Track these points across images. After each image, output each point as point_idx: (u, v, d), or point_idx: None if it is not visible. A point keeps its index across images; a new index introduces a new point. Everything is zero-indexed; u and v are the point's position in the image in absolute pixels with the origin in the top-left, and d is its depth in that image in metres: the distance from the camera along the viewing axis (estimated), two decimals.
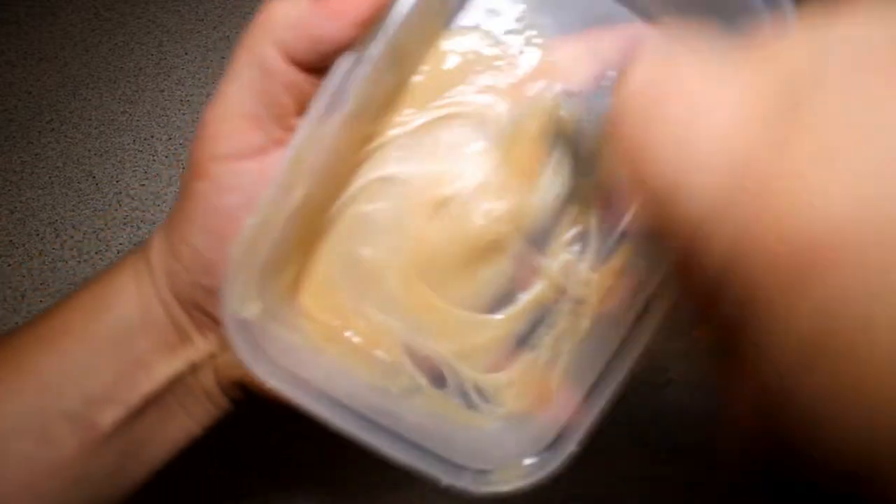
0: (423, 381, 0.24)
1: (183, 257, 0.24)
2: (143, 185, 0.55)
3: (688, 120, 0.13)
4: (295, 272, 0.24)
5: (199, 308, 0.25)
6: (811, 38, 0.13)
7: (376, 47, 0.21)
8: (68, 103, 0.60)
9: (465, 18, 0.24)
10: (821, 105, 0.12)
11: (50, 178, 0.56)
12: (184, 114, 0.59)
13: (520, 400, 0.24)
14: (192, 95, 0.60)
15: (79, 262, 0.52)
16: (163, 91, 0.60)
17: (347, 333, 0.24)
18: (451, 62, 0.23)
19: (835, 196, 0.11)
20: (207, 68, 0.62)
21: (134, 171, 0.56)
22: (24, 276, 0.51)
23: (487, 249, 0.24)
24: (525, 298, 0.25)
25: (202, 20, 0.65)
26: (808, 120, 0.12)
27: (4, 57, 0.63)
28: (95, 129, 0.58)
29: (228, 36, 0.63)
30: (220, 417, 0.27)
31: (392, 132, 0.24)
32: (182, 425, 0.27)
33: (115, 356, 0.25)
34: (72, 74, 0.62)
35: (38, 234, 0.53)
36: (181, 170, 0.56)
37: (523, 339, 0.25)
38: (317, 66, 0.22)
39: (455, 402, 0.24)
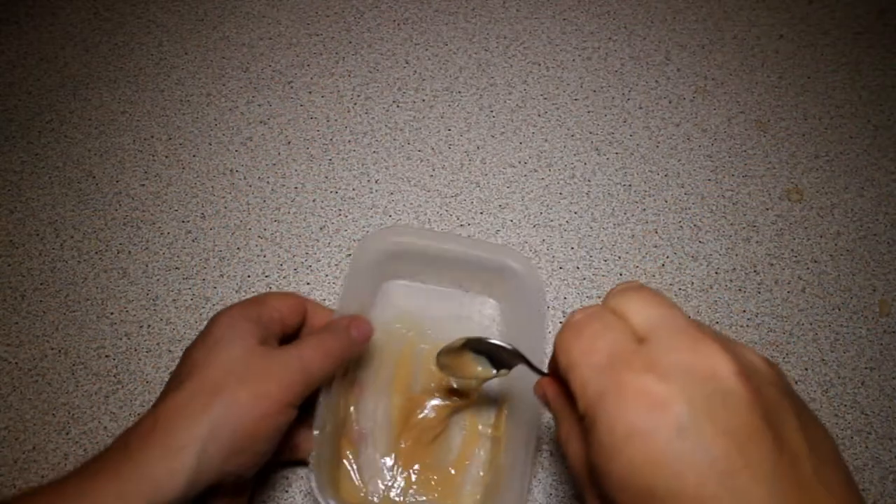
0: None
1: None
2: (143, 185, 0.55)
3: (584, 340, 0.27)
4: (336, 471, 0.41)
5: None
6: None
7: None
8: (68, 103, 0.60)
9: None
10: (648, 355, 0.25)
11: (50, 178, 0.56)
12: (184, 114, 0.59)
13: None
14: (191, 95, 0.60)
15: (79, 262, 0.52)
16: (163, 91, 0.60)
17: None
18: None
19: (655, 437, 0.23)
20: (207, 68, 0.62)
21: (134, 171, 0.56)
22: (24, 276, 0.51)
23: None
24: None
25: (202, 20, 0.65)
26: (645, 357, 0.25)
27: (4, 57, 0.63)
28: (95, 129, 0.58)
29: (228, 36, 0.64)
30: None
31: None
32: None
33: None
34: (72, 74, 0.62)
35: (38, 234, 0.53)
36: (181, 170, 0.56)
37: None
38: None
39: None
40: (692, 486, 0.22)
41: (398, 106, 0.59)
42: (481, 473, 0.42)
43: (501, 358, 0.37)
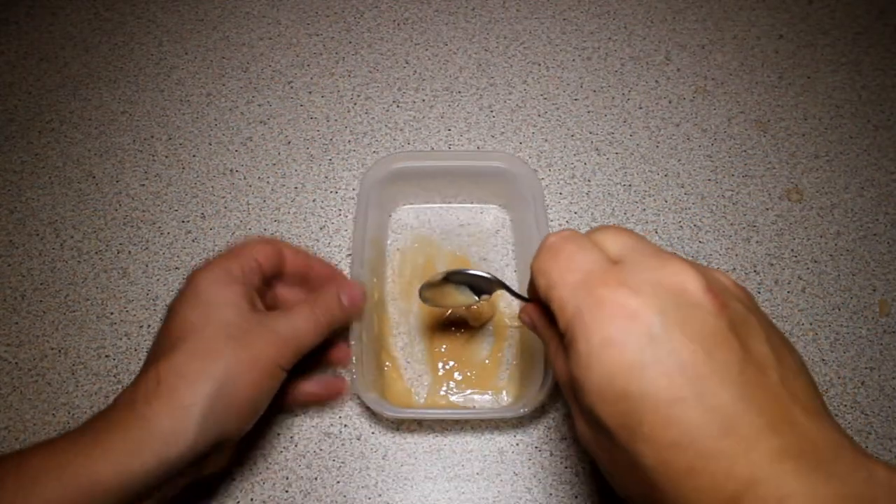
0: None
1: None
2: (143, 185, 0.55)
3: (561, 261, 0.28)
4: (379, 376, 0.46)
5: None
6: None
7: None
8: (68, 103, 0.60)
9: None
10: (628, 270, 0.27)
11: (50, 178, 0.56)
12: (184, 114, 0.59)
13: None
14: (191, 95, 0.60)
15: (79, 262, 0.52)
16: (163, 91, 0.60)
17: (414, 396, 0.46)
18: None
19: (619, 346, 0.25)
20: (207, 68, 0.62)
21: (134, 171, 0.56)
22: (24, 276, 0.51)
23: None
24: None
25: (202, 20, 0.65)
26: (620, 275, 0.26)
27: (4, 57, 0.63)
28: (95, 129, 0.58)
29: (228, 36, 0.64)
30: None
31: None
32: None
33: None
34: (72, 74, 0.62)
35: (38, 234, 0.53)
36: (181, 170, 0.56)
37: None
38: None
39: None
40: (663, 390, 0.24)
41: (398, 106, 0.59)
42: (514, 361, 0.47)
43: (481, 286, 0.40)
